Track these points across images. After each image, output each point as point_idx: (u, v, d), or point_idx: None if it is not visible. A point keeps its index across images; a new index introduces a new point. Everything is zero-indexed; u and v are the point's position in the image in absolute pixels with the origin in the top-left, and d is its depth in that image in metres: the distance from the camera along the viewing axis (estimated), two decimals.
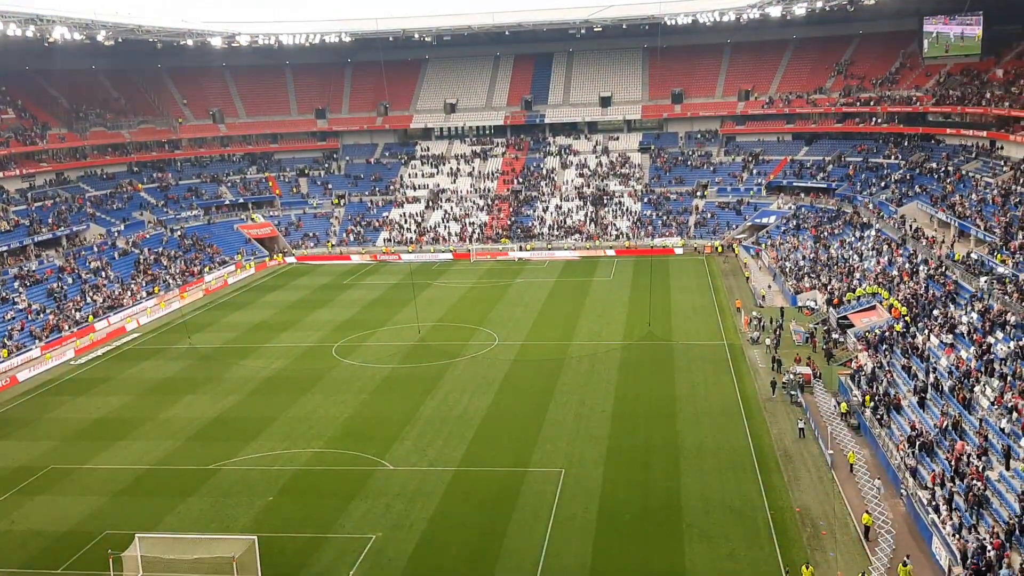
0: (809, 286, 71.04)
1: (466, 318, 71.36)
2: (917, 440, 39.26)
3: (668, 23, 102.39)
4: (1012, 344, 42.71)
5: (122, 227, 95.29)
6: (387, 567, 34.39)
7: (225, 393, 55.70)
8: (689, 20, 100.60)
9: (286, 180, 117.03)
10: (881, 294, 60.80)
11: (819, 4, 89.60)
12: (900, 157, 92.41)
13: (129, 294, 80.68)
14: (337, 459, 44.54)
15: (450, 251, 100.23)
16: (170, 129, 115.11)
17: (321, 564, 34.81)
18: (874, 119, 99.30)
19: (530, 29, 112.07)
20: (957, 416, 39.81)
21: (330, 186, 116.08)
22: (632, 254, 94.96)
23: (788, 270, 77.51)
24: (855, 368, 51.38)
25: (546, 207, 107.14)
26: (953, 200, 69.45)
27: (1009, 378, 40.07)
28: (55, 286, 77.84)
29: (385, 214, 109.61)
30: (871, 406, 45.02)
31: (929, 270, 59.98)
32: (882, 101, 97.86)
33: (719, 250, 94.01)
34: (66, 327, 71.09)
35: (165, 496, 41.26)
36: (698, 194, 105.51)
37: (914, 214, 74.80)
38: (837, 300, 64.34)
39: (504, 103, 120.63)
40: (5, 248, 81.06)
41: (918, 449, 38.89)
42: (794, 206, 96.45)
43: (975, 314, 48.75)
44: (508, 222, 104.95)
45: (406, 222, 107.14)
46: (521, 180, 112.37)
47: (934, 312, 52.56)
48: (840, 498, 38.01)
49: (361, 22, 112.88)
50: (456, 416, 49.42)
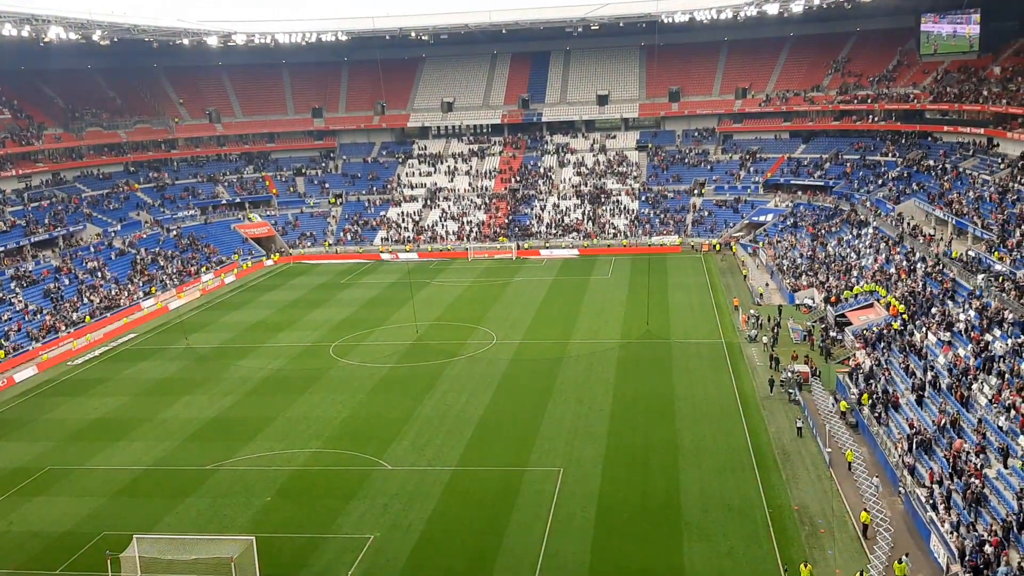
0: (807, 284, 71.07)
1: (464, 317, 71.32)
2: (915, 438, 39.27)
3: (665, 21, 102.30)
4: (1010, 341, 42.73)
5: (119, 227, 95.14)
6: (386, 567, 34.36)
7: (223, 393, 55.63)
8: (686, 18, 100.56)
9: (283, 179, 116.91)
10: (879, 292, 60.81)
11: (816, 1, 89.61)
12: (897, 155, 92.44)
13: (126, 294, 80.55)
14: (335, 459, 44.50)
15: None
16: (166, 129, 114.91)
17: (320, 564, 34.77)
18: (871, 117, 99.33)
19: (527, 27, 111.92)
20: (955, 414, 39.82)
21: (327, 185, 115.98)
22: (630, 252, 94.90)
23: (786, 268, 77.53)
24: (853, 366, 51.40)
25: (544, 206, 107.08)
26: (950, 197, 69.48)
27: (1007, 375, 40.09)
28: (52, 286, 77.72)
29: (382, 213, 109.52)
30: (869, 404, 45.03)
31: (927, 268, 59.99)
32: (879, 99, 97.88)
33: (717, 248, 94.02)
34: (63, 327, 70.96)
35: (163, 497, 41.22)
36: (695, 192, 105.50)
37: (911, 212, 74.82)
38: (835, 298, 64.34)
39: (501, 102, 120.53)
40: (2, 249, 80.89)
41: (916, 447, 38.90)
42: (791, 204, 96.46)
43: (973, 312, 48.77)
44: (506, 221, 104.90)
45: (403, 221, 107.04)
46: (518, 179, 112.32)
47: (932, 310, 52.57)
48: (838, 496, 38.02)
49: (357, 21, 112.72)
50: (454, 415, 49.38)
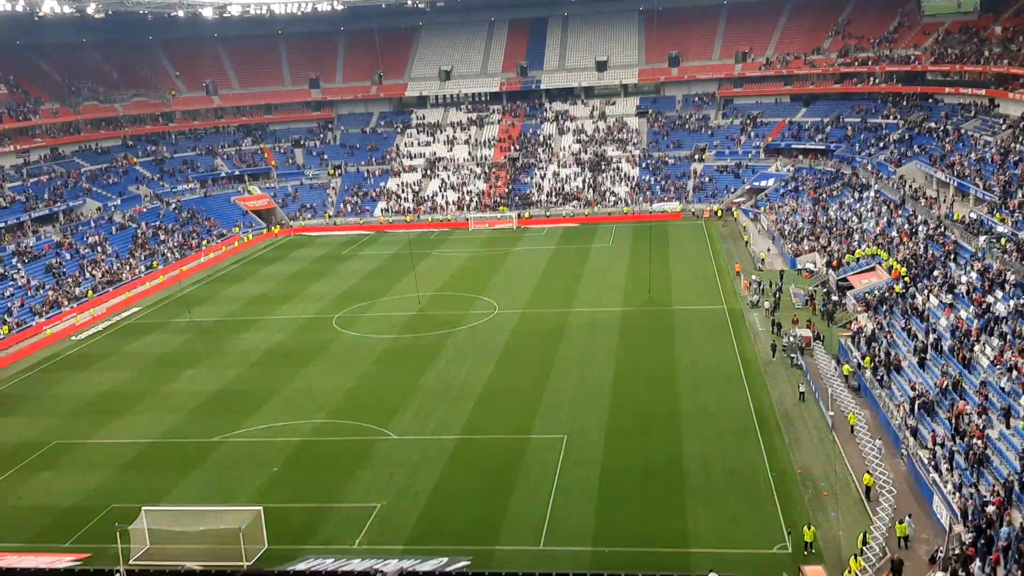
0: (808, 249, 70.99)
1: (466, 287, 71.34)
2: (917, 400, 39.43)
3: None
4: (1012, 303, 42.75)
5: (119, 201, 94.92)
6: (393, 534, 34.67)
7: (226, 366, 55.80)
8: None
9: (281, 151, 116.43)
10: (880, 255, 60.77)
11: None
12: (899, 117, 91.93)
13: (128, 269, 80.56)
14: (340, 430, 44.74)
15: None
16: (163, 102, 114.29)
17: (327, 533, 35.10)
18: (872, 79, 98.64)
19: None
20: (957, 376, 39.95)
21: (326, 156, 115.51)
22: (631, 220, 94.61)
23: (787, 233, 77.40)
24: (855, 330, 51.48)
25: (543, 174, 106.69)
26: (952, 160, 69.18)
27: (1009, 337, 40.16)
28: (53, 262, 77.71)
29: (382, 184, 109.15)
30: (871, 367, 45.16)
31: (928, 230, 59.89)
32: (880, 61, 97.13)
33: (718, 214, 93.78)
34: (65, 303, 71.05)
35: (170, 469, 41.48)
36: (696, 158, 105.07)
37: (913, 174, 74.55)
38: (836, 262, 64.31)
39: (499, 69, 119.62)
40: (2, 225, 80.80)
41: (918, 409, 39.07)
42: (792, 168, 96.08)
43: (974, 273, 48.76)
44: (506, 190, 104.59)
45: (403, 191, 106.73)
46: (518, 147, 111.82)
47: (934, 272, 52.56)
48: (841, 459, 38.24)
49: None
50: (457, 385, 49.56)
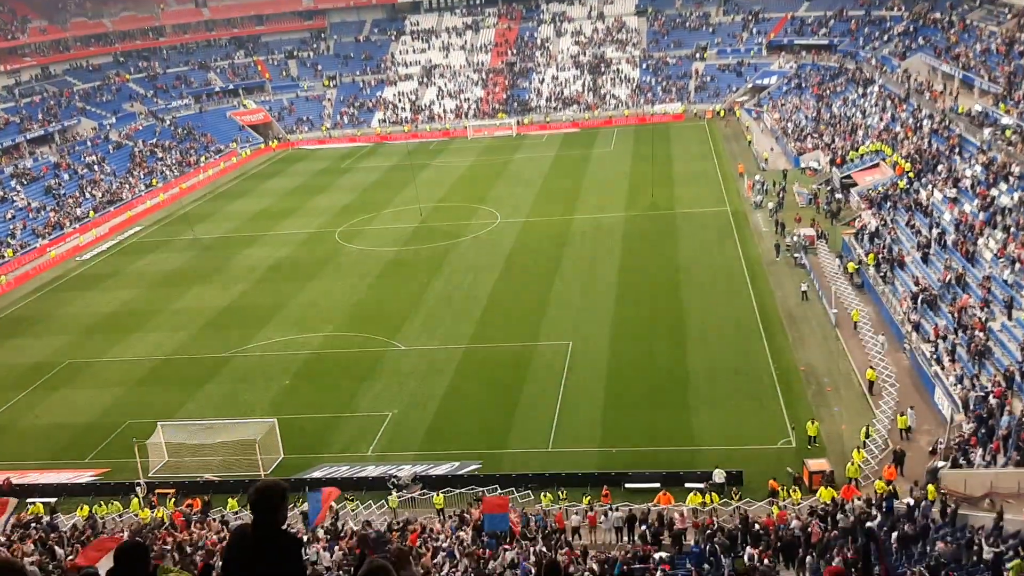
0: (812, 147, 70.28)
1: (467, 197, 71.01)
2: (921, 295, 39.64)
3: None
4: (1016, 195, 42.53)
5: (113, 120, 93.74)
6: (406, 440, 35.48)
7: (233, 282, 56.07)
8: None
9: (275, 63, 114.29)
10: (884, 151, 60.19)
11: None
12: (903, 8, 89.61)
13: (127, 188, 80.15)
14: (349, 342, 45.23)
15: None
16: (152, 16, 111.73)
17: (342, 441, 35.91)
18: None
19: None
20: (960, 270, 40.05)
21: (320, 67, 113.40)
22: (632, 123, 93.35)
23: (790, 131, 76.51)
24: (859, 227, 51.39)
25: (542, 79, 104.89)
26: (957, 51, 67.79)
27: (1012, 229, 40.08)
28: (52, 183, 77.25)
29: (378, 94, 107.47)
30: (874, 264, 45.26)
31: (933, 124, 59.15)
32: None
33: (720, 114, 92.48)
34: (67, 224, 70.94)
35: (183, 384, 42.16)
36: (697, 57, 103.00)
37: (918, 68, 73.16)
38: (840, 159, 63.75)
39: None
40: None
41: (921, 304, 39.31)
42: (795, 65, 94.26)
43: (979, 167, 48.37)
44: (504, 96, 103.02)
45: (400, 101, 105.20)
46: (515, 51, 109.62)
47: (938, 167, 52.15)
48: (844, 355, 38.70)
49: None
50: (463, 296, 49.85)
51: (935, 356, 35.40)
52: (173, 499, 32.84)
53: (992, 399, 30.47)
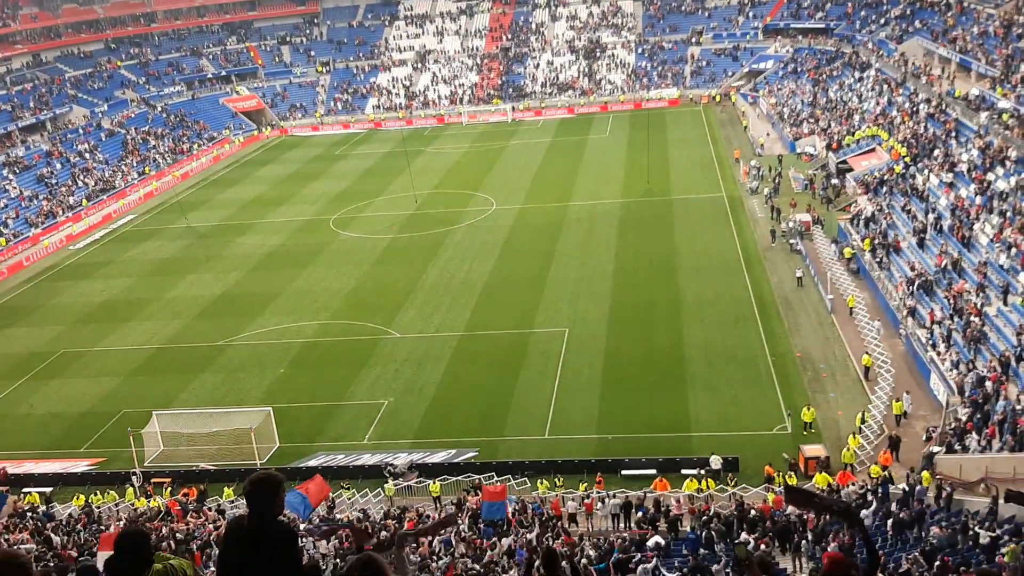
0: (808, 132, 70.09)
1: (462, 184, 70.76)
2: (916, 280, 39.60)
3: None
4: (1013, 180, 42.42)
5: (105, 107, 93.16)
6: (402, 428, 35.44)
7: (227, 270, 55.87)
8: None
9: (267, 49, 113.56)
10: (881, 136, 60.02)
11: None
12: None
13: (120, 176, 79.73)
14: (344, 330, 45.11)
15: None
16: (143, 2, 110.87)
17: (338, 429, 35.86)
18: None
19: None
20: (956, 255, 40.00)
21: (313, 53, 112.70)
22: (628, 108, 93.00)
23: (786, 116, 76.28)
24: (854, 212, 51.29)
25: (537, 64, 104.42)
26: (954, 34, 67.53)
27: (1009, 214, 40.01)
28: (45, 171, 76.81)
29: (372, 80, 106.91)
30: (870, 249, 45.19)
31: (929, 108, 58.97)
32: None
33: (716, 99, 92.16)
34: (60, 212, 70.58)
35: (178, 373, 42.04)
36: (693, 41, 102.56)
37: (914, 51, 72.89)
38: (836, 144, 63.57)
39: None
40: None
41: (917, 289, 39.28)
42: (792, 49, 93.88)
43: (975, 151, 48.23)
44: (499, 82, 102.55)
45: (394, 87, 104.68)
46: (510, 36, 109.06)
47: (934, 152, 52.02)
48: (840, 341, 38.69)
49: None
50: (458, 283, 49.72)
51: (931, 341, 35.39)
52: (169, 488, 32.82)
53: (988, 384, 30.48)
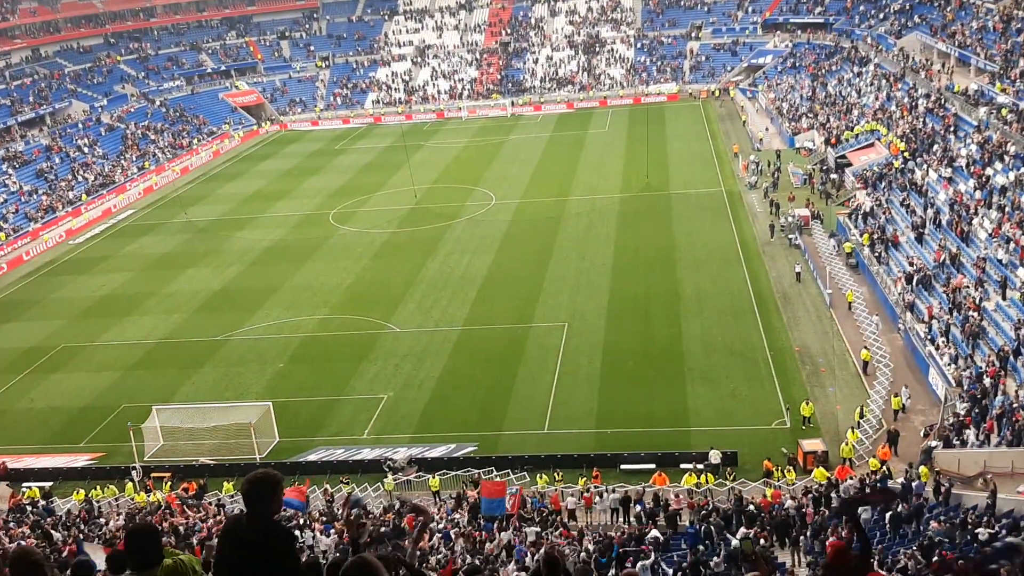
0: (807, 126, 70.08)
1: (461, 179, 70.75)
2: (915, 275, 39.66)
3: None
4: (1011, 175, 42.46)
5: (105, 102, 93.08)
6: (401, 423, 35.48)
7: (226, 265, 55.88)
8: None
9: (267, 44, 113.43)
10: (880, 131, 60.02)
11: None
12: None
13: (120, 170, 79.67)
14: (343, 324, 45.15)
15: None
16: None
17: (337, 424, 35.90)
18: None
19: None
20: (955, 250, 40.05)
21: (312, 48, 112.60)
22: (627, 103, 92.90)
23: (785, 111, 76.27)
24: (853, 207, 51.32)
25: (536, 59, 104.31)
26: (953, 29, 67.49)
27: (1007, 209, 40.06)
28: (44, 166, 76.77)
29: (372, 74, 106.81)
30: (869, 244, 45.24)
31: (928, 103, 58.97)
32: None
33: (715, 94, 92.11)
34: (60, 207, 70.54)
35: (178, 368, 42.08)
36: (692, 36, 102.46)
37: (913, 46, 72.84)
38: (835, 139, 63.57)
39: None
40: None
41: (916, 284, 39.34)
42: (791, 44, 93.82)
43: (974, 146, 48.27)
44: (498, 77, 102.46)
45: (394, 82, 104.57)
46: (509, 31, 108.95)
47: (933, 147, 52.04)
48: (839, 336, 38.74)
49: None
50: (458, 277, 49.74)
51: (929, 336, 35.46)
52: (169, 483, 32.88)
53: (986, 379, 30.55)
